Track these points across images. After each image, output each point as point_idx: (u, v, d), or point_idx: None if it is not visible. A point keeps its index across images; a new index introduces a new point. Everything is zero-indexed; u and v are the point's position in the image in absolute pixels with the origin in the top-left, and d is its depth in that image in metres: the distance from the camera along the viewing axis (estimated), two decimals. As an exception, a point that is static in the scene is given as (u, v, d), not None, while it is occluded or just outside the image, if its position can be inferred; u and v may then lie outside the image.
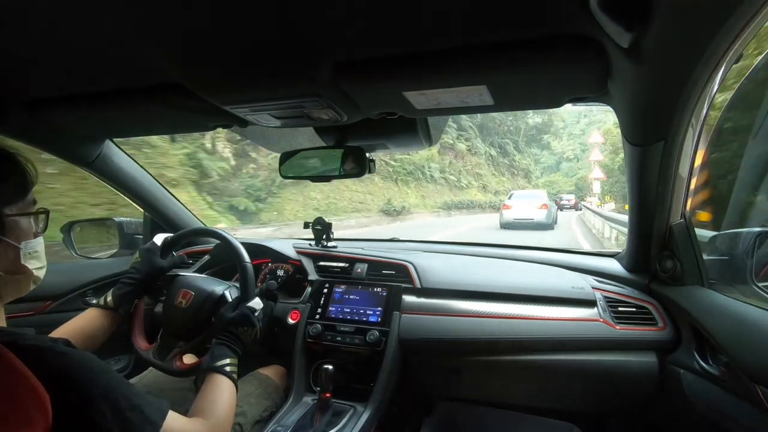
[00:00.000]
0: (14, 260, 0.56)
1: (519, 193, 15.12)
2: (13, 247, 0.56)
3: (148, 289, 1.02)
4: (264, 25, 0.56)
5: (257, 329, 0.89)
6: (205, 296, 0.97)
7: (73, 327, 0.86)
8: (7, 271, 0.55)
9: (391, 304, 1.15)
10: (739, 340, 0.76)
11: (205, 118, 0.90)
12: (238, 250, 1.01)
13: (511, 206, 12.66)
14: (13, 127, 0.97)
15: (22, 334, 0.51)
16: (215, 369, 0.76)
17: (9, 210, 0.56)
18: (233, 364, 0.79)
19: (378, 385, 1.05)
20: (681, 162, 0.82)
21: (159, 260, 1.02)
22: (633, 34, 0.48)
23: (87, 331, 0.87)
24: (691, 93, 0.62)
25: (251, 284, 0.97)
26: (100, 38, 0.62)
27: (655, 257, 1.04)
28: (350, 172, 1.02)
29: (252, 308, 0.90)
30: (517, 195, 14.35)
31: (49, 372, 0.47)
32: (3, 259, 0.55)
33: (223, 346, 0.81)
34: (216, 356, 0.79)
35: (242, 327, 0.86)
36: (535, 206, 12.38)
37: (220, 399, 0.71)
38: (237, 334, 0.84)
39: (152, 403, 0.55)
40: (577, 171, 59.27)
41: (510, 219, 12.28)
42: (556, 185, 54.10)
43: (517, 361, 1.06)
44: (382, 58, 0.64)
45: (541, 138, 44.89)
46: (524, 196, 14.13)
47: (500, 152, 34.24)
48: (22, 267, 0.57)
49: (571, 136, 65.31)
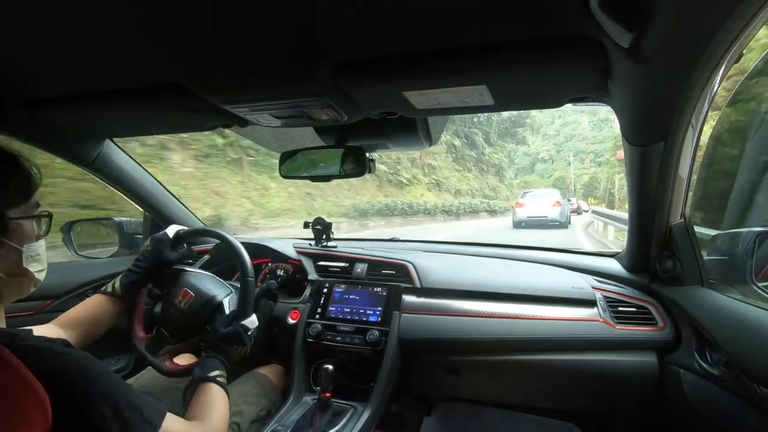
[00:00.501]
0: (16, 263, 0.56)
1: (531, 192, 15.41)
2: (15, 249, 0.56)
3: (154, 278, 1.01)
4: (264, 25, 0.56)
5: (247, 348, 0.89)
6: (204, 301, 0.96)
7: (78, 313, 0.85)
8: (8, 274, 0.55)
9: (391, 303, 1.15)
10: (739, 340, 0.76)
11: (205, 118, 0.90)
12: (244, 261, 0.98)
13: (524, 204, 12.83)
14: (13, 127, 0.97)
15: (20, 334, 0.51)
16: (207, 379, 0.77)
17: (12, 213, 0.56)
18: (223, 375, 0.80)
19: (378, 384, 1.05)
20: (681, 162, 0.82)
21: (168, 252, 1.00)
22: (633, 34, 0.48)
23: (92, 318, 0.87)
24: (691, 93, 0.62)
25: (250, 301, 0.95)
26: (100, 38, 0.62)
27: (655, 257, 1.04)
28: (350, 172, 1.02)
29: (246, 327, 0.90)
30: (529, 194, 14.60)
31: (48, 372, 0.47)
32: (5, 262, 0.55)
33: (213, 359, 0.82)
34: (207, 368, 0.79)
35: (232, 345, 0.86)
36: (548, 204, 12.51)
37: (216, 406, 0.73)
38: (226, 351, 0.85)
39: (151, 403, 0.55)
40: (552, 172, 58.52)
41: (523, 217, 12.35)
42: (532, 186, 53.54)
43: (517, 361, 1.06)
44: (382, 58, 0.64)
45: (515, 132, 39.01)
46: (537, 195, 14.35)
47: (467, 143, 27.39)
48: (23, 269, 0.57)
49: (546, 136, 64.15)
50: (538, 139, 62.50)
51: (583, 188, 41.19)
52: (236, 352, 0.87)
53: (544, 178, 56.11)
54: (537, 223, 11.94)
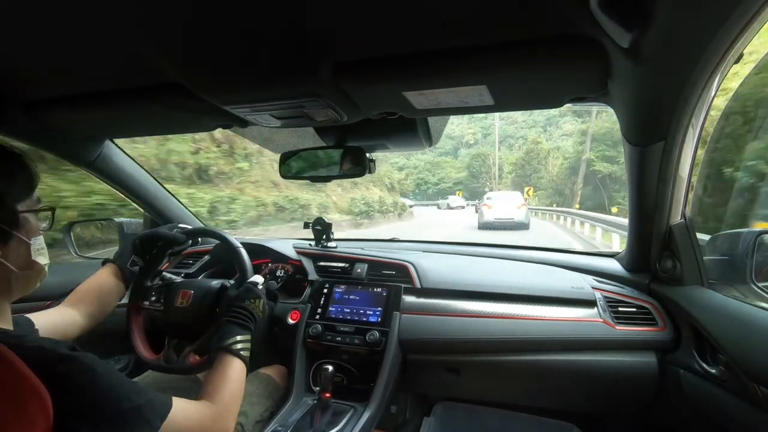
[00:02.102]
0: (26, 256, 0.57)
1: (495, 194, 15.33)
2: (24, 243, 0.57)
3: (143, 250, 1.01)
4: (264, 25, 0.56)
5: (263, 301, 0.86)
6: (204, 291, 0.98)
7: (89, 285, 0.89)
8: (20, 267, 0.57)
9: (391, 304, 1.15)
10: (738, 340, 0.77)
11: (205, 118, 0.90)
12: (243, 261, 1.00)
13: (491, 206, 12.71)
14: (13, 127, 0.97)
15: (27, 336, 0.52)
16: (225, 348, 0.73)
17: (20, 207, 0.57)
18: (245, 341, 0.76)
19: (378, 385, 1.05)
20: (681, 162, 0.82)
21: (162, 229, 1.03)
22: (633, 34, 0.48)
23: (104, 288, 0.90)
24: (691, 93, 0.62)
25: (247, 264, 0.97)
26: (100, 38, 0.62)
27: (655, 257, 1.04)
28: (350, 172, 1.03)
29: (254, 282, 0.89)
30: (494, 196, 14.56)
31: (52, 373, 0.47)
32: (16, 255, 0.56)
33: (231, 324, 0.78)
34: (225, 334, 0.75)
35: (249, 300, 0.83)
36: (514, 206, 12.57)
37: (228, 381, 0.69)
38: (246, 308, 0.81)
39: (154, 403, 0.55)
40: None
41: (491, 219, 12.27)
42: (441, 170, 43.73)
43: (517, 361, 1.06)
44: (382, 58, 0.64)
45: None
46: (500, 197, 14.29)
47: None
48: (33, 262, 0.58)
49: (474, 119, 55.46)
50: (464, 121, 56.63)
51: (512, 172, 34.25)
52: (255, 305, 0.83)
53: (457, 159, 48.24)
54: (503, 225, 11.97)
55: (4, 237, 0.54)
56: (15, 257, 0.56)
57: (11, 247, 0.55)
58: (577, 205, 21.00)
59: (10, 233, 0.55)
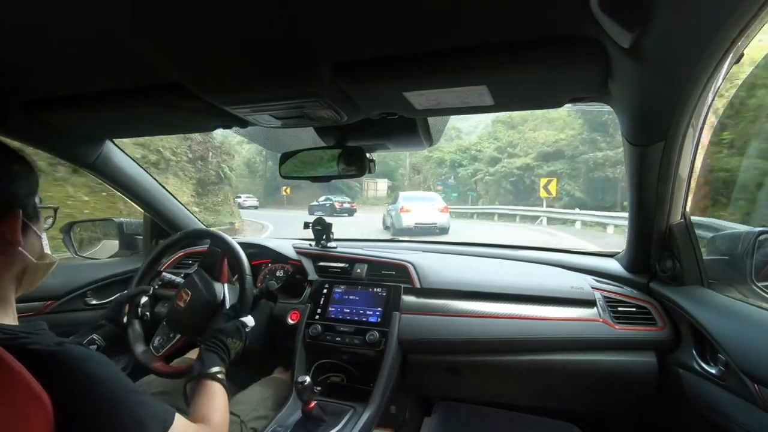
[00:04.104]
0: (41, 248, 0.61)
1: (410, 195, 12.53)
2: (38, 236, 0.60)
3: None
4: (264, 25, 0.56)
5: (243, 345, 0.91)
6: (203, 299, 0.99)
7: None
8: (38, 258, 0.60)
9: (391, 304, 1.15)
10: (738, 340, 0.77)
11: (205, 118, 0.90)
12: (241, 262, 1.02)
13: (411, 210, 10.83)
14: (13, 128, 0.97)
15: (29, 336, 0.50)
16: (209, 376, 0.77)
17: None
18: (223, 372, 0.81)
19: (378, 385, 1.05)
20: (681, 162, 0.82)
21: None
22: (633, 34, 0.48)
23: None
24: (691, 93, 0.62)
25: (248, 300, 0.99)
26: (99, 38, 0.62)
27: (654, 257, 1.04)
28: (350, 172, 1.02)
29: (244, 323, 0.93)
30: (409, 197, 12.00)
31: (52, 377, 0.46)
32: (33, 246, 0.59)
33: (212, 353, 0.83)
34: (207, 363, 0.80)
35: (231, 339, 0.87)
36: (436, 209, 11.06)
37: (217, 405, 0.73)
38: (227, 345, 0.86)
39: (156, 413, 0.54)
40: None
41: (411, 224, 10.53)
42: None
43: (517, 361, 1.06)
44: (382, 58, 0.64)
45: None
46: (419, 198, 11.94)
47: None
48: (46, 254, 0.62)
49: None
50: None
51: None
52: (234, 346, 0.88)
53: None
54: (423, 231, 10.38)
55: (24, 229, 0.56)
56: (31, 248, 0.59)
57: (29, 239, 0.58)
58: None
59: (29, 226, 0.58)
